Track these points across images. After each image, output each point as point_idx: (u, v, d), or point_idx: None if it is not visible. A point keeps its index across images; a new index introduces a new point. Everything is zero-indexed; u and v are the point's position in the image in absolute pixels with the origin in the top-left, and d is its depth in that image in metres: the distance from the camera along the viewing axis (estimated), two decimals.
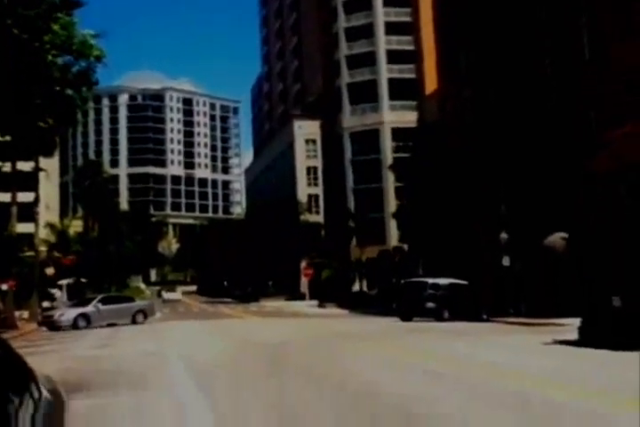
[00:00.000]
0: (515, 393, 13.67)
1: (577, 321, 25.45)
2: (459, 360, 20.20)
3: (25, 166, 56.45)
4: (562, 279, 44.16)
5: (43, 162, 60.56)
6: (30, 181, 56.77)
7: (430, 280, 46.85)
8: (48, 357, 23.85)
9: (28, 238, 58.39)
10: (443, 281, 46.33)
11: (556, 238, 43.39)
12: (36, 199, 57.13)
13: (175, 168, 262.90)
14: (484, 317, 43.49)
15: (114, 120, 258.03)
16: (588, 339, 23.76)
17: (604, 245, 37.30)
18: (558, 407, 11.93)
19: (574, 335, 24.84)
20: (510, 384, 14.92)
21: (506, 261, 45.64)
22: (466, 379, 15.99)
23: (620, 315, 23.71)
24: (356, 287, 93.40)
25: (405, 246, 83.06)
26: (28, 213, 57.22)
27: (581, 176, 41.14)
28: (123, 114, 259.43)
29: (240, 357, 23.07)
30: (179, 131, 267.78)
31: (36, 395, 4.01)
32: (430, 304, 43.92)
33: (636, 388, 13.32)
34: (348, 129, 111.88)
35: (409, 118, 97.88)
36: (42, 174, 63.13)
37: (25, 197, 57.04)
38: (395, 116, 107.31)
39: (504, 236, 46.39)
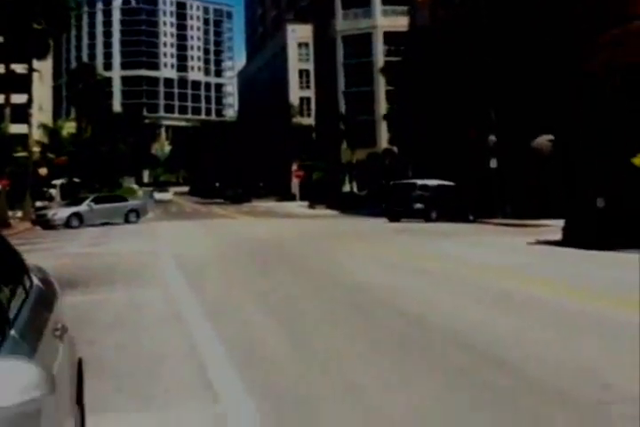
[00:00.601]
0: (499, 289, 14.25)
1: (561, 222, 25.95)
2: (446, 259, 20.76)
3: (19, 69, 56.10)
4: (548, 181, 44.55)
5: (36, 65, 60.20)
6: (24, 83, 56.42)
7: (419, 182, 47.25)
8: (42, 254, 24.29)
9: (22, 139, 58.33)
10: (431, 182, 46.70)
11: (543, 141, 43.69)
12: (30, 100, 56.90)
13: (168, 71, 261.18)
14: (471, 218, 44.02)
15: (107, 23, 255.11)
16: (570, 239, 24.29)
17: (589, 147, 37.62)
18: (541, 302, 12.53)
19: (558, 236, 25.38)
20: (494, 281, 15.49)
21: (493, 164, 45.95)
22: (454, 276, 16.55)
23: (604, 216, 24.19)
24: (347, 189, 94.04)
25: (395, 149, 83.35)
26: (22, 114, 56.96)
27: (578, 75, 41.04)
28: (116, 17, 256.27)
29: (232, 255, 23.59)
30: (172, 34, 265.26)
31: (27, 284, 4.37)
32: (418, 205, 44.30)
33: (618, 286, 13.96)
34: (341, 33, 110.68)
35: (401, 23, 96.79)
36: (35, 76, 62.72)
37: (19, 98, 56.79)
38: (387, 20, 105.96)
39: (492, 138, 46.60)
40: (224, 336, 9.85)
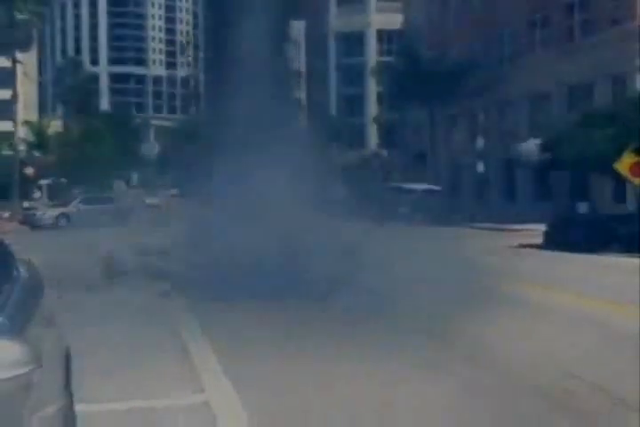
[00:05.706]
0: (482, 288, 14.62)
1: (543, 227, 26.34)
2: (427, 258, 21.15)
3: (1, 63, 55.02)
4: (532, 186, 44.69)
5: (20, 58, 58.94)
6: (8, 79, 55.05)
7: (405, 185, 47.37)
8: (30, 252, 24.30)
9: (6, 137, 57.11)
10: (418, 186, 46.81)
11: (530, 145, 43.84)
12: (14, 96, 55.76)
13: (157, 68, 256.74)
14: (455, 222, 44.08)
15: (93, 15, 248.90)
16: (551, 243, 24.66)
17: (573, 152, 37.95)
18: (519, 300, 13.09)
19: (539, 240, 25.75)
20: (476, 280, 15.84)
21: (480, 168, 46.08)
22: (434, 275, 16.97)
23: (586, 220, 24.61)
24: None
25: (385, 152, 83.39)
26: (5, 111, 55.52)
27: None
28: (102, 8, 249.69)
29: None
30: (160, 28, 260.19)
31: (15, 275, 4.59)
32: (403, 209, 44.41)
33: (592, 284, 14.53)
34: (334, 30, 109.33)
35: (395, 20, 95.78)
36: (20, 72, 61.69)
37: (2, 94, 55.68)
38: (381, 17, 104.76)
39: (480, 142, 46.73)
40: None
